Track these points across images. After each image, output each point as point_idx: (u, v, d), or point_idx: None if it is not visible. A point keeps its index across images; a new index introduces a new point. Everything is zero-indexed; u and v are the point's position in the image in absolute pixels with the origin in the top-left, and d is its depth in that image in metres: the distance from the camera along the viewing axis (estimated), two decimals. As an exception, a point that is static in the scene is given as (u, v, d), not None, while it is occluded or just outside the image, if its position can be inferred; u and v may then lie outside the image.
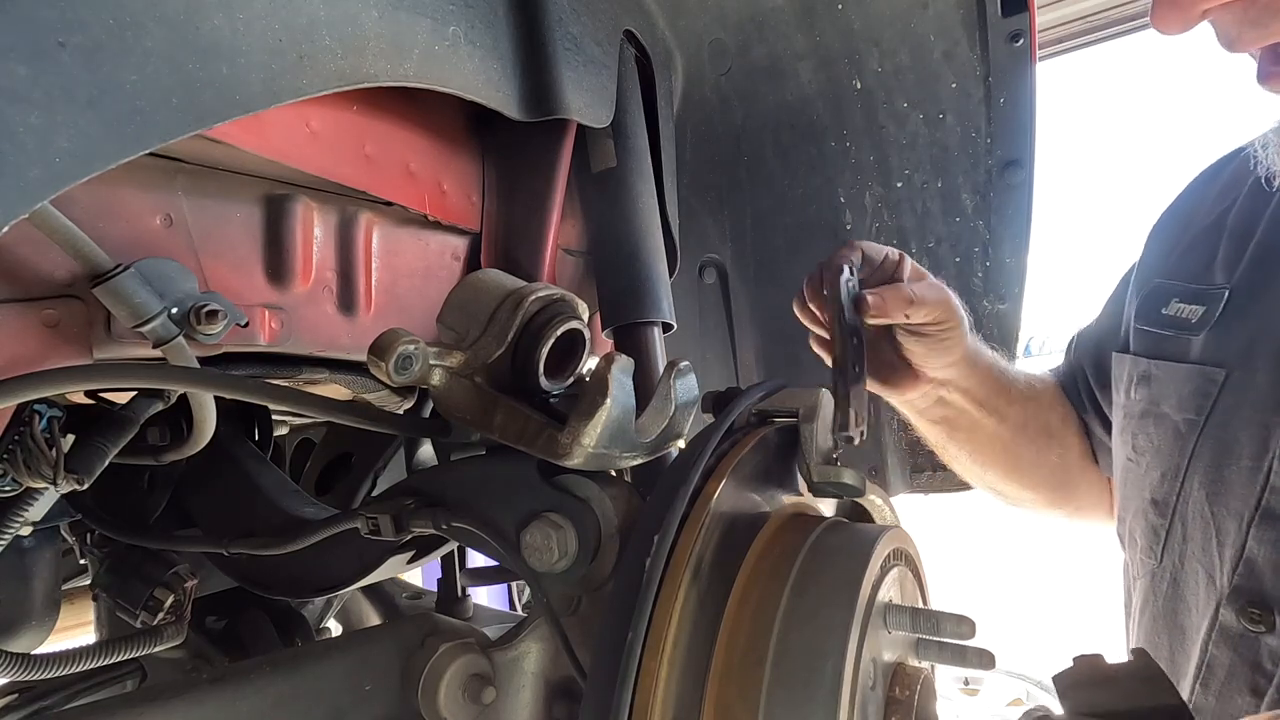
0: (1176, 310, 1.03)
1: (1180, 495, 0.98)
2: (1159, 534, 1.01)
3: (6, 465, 0.73)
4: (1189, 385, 0.98)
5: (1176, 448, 0.98)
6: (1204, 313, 1.00)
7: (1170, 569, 1.00)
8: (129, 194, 0.67)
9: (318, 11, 0.58)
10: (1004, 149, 1.23)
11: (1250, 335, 0.93)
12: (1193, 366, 0.98)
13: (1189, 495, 0.97)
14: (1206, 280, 1.02)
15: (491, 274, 0.80)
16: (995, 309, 1.37)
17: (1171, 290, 1.06)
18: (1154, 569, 1.03)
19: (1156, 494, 1.01)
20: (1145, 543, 1.04)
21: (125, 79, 0.45)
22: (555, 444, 0.67)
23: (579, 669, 0.69)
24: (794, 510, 0.75)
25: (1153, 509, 1.02)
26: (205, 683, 0.76)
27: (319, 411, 0.78)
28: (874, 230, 1.36)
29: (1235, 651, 0.90)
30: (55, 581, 1.14)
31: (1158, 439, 1.02)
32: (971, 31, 1.13)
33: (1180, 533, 0.98)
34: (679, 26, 1.15)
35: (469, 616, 1.26)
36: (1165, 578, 1.01)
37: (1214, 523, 0.93)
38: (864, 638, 0.60)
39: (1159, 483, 1.01)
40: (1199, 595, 0.96)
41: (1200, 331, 0.99)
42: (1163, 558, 1.01)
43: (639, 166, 1.03)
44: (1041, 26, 1.20)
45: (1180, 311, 1.03)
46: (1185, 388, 0.99)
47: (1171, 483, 0.99)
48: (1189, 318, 1.01)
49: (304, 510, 1.04)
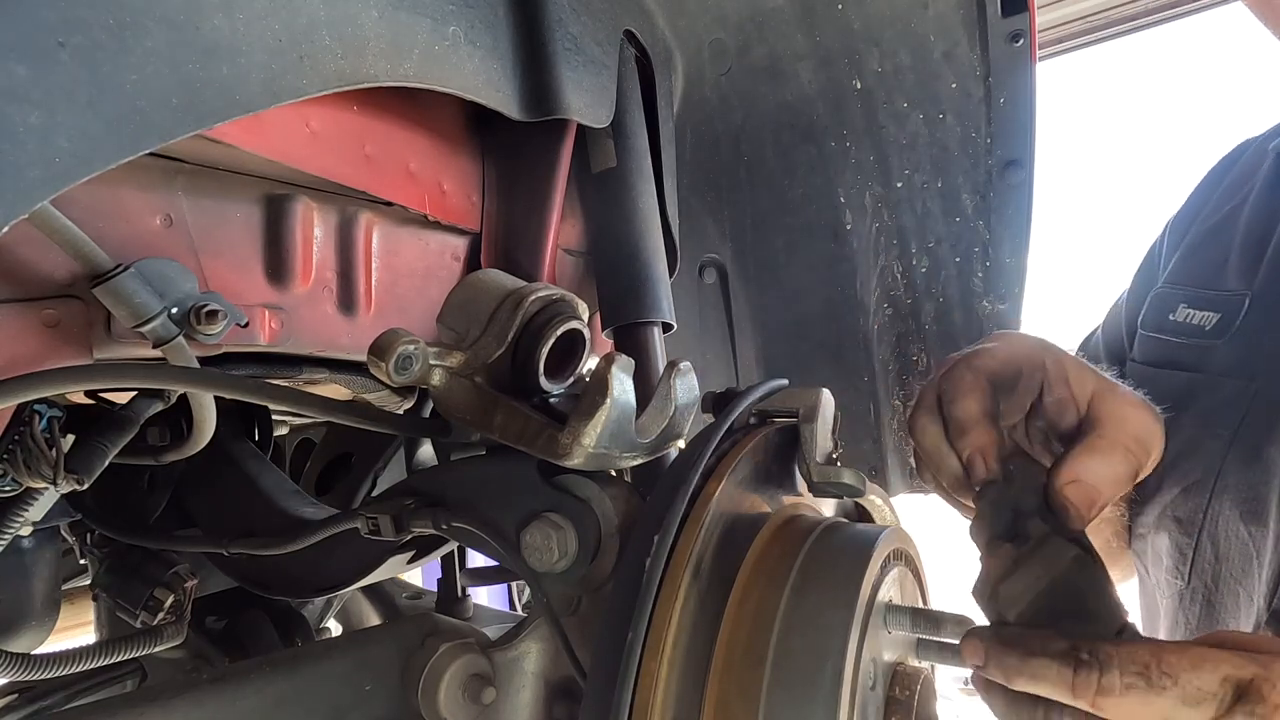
0: (1186, 316, 0.97)
1: (1208, 513, 0.92)
2: (1185, 553, 0.95)
3: (6, 465, 0.73)
4: (1214, 397, 0.92)
5: (1199, 463, 0.92)
6: (1220, 319, 0.94)
7: (1202, 590, 0.95)
8: (129, 194, 0.67)
9: (318, 11, 0.58)
10: (1004, 149, 1.22)
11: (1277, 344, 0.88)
12: (1217, 378, 0.92)
13: (1219, 513, 0.91)
14: (1218, 285, 0.96)
15: (491, 274, 0.80)
16: (995, 309, 1.37)
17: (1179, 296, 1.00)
18: (1181, 590, 0.98)
19: (1179, 511, 0.95)
20: (1171, 562, 0.98)
21: (125, 79, 0.45)
22: (555, 444, 0.67)
23: (579, 669, 0.69)
24: (794, 510, 0.75)
25: (1176, 526, 0.96)
26: (205, 683, 0.76)
27: (319, 411, 0.78)
28: (874, 230, 1.36)
29: None
30: (55, 581, 1.14)
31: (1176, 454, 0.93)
32: (971, 31, 1.13)
33: (1211, 552, 0.93)
34: (679, 26, 1.15)
35: (469, 616, 1.26)
36: (1197, 600, 0.96)
37: (1252, 544, 0.88)
38: (864, 638, 0.60)
39: (1181, 499, 0.95)
40: (1238, 617, 0.91)
41: (1220, 339, 0.93)
42: (1190, 578, 0.96)
43: (639, 166, 1.02)
44: (1041, 26, 1.20)
45: (1190, 317, 0.97)
46: (1209, 400, 0.92)
47: (1197, 499, 0.93)
48: (1202, 324, 0.95)
49: (304, 510, 1.04)
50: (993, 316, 1.37)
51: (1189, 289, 1.00)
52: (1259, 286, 0.93)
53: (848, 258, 1.40)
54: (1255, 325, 0.91)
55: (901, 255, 1.38)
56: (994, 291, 1.36)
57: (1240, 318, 0.92)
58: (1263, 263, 0.93)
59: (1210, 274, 0.98)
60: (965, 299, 1.38)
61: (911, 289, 1.40)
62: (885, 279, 1.41)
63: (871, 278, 1.41)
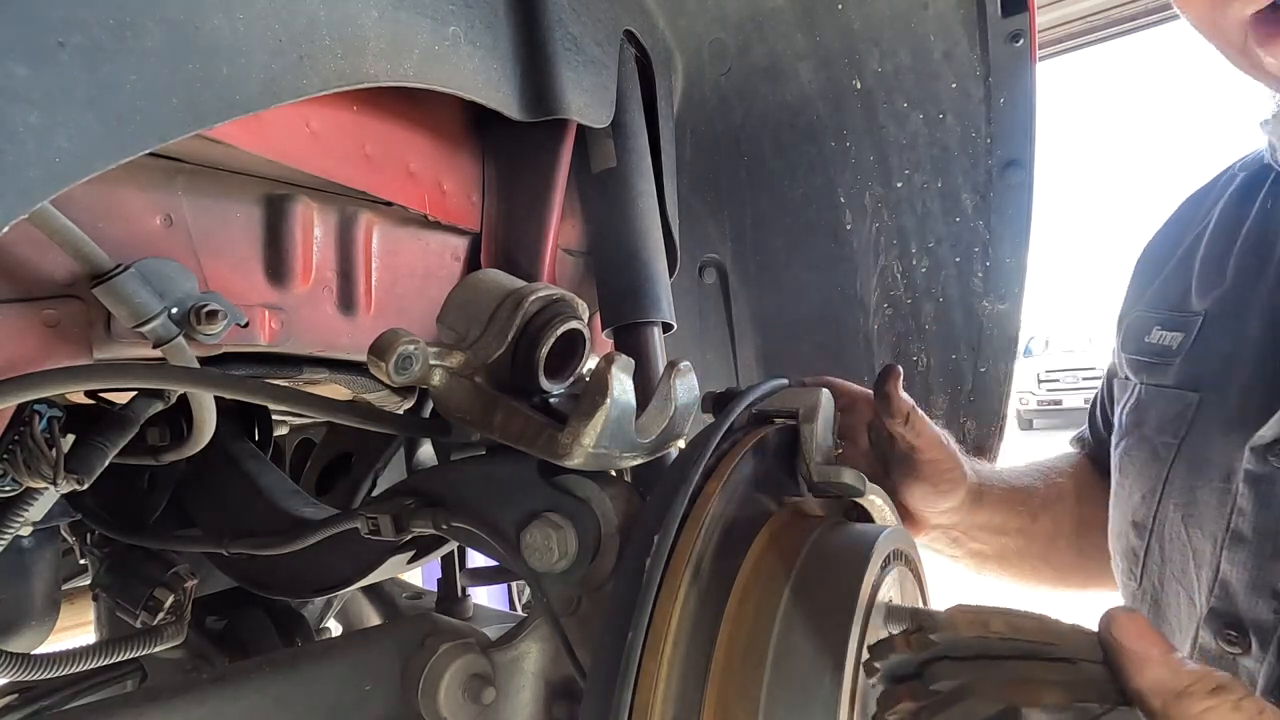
0: (1159, 338, 1.04)
1: (1157, 517, 0.98)
2: (1138, 555, 1.02)
3: (6, 465, 0.73)
4: (1167, 408, 0.99)
5: (1153, 470, 0.99)
6: (1182, 339, 1.00)
7: (1150, 591, 1.01)
8: (129, 194, 0.67)
9: (318, 12, 0.58)
10: (1004, 149, 1.23)
11: (1224, 357, 0.94)
12: (1170, 390, 0.99)
13: (1165, 517, 0.97)
14: (1184, 306, 1.03)
15: (491, 274, 0.80)
16: (995, 309, 1.37)
17: (1153, 319, 1.06)
18: (1135, 591, 1.03)
19: (1136, 516, 1.02)
20: (1126, 565, 1.05)
21: (125, 79, 0.45)
22: (555, 444, 0.67)
23: (579, 669, 0.69)
24: (794, 510, 0.75)
25: (1133, 531, 1.02)
26: (205, 683, 0.76)
27: (319, 411, 0.78)
28: (874, 230, 1.36)
29: None
30: (55, 581, 1.14)
31: (1139, 462, 1.02)
32: (971, 31, 1.13)
33: (1159, 554, 0.98)
34: (679, 26, 1.15)
35: (469, 616, 1.26)
36: (1146, 600, 1.01)
37: (1190, 544, 0.93)
38: (864, 638, 0.60)
39: (1139, 505, 1.02)
40: (1180, 617, 0.96)
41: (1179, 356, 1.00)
42: (1142, 579, 1.02)
43: (639, 166, 1.03)
44: (1041, 26, 1.20)
45: (1162, 339, 1.03)
46: (1163, 411, 1.00)
47: (1149, 505, 1.00)
48: (1170, 344, 1.01)
49: (304, 510, 1.04)
50: (993, 316, 1.37)
51: (1162, 312, 1.06)
52: (1211, 306, 0.98)
53: (848, 258, 1.40)
54: (1205, 341, 0.97)
55: (901, 255, 1.38)
56: (994, 291, 1.36)
57: (1194, 335, 0.99)
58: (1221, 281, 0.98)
59: (1178, 296, 1.04)
60: (965, 299, 1.38)
61: (911, 289, 1.40)
62: (885, 279, 1.41)
63: (871, 278, 1.41)
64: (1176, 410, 0.97)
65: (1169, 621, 0.98)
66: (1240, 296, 0.95)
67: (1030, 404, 14.46)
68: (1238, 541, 0.87)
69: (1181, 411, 0.97)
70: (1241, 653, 0.86)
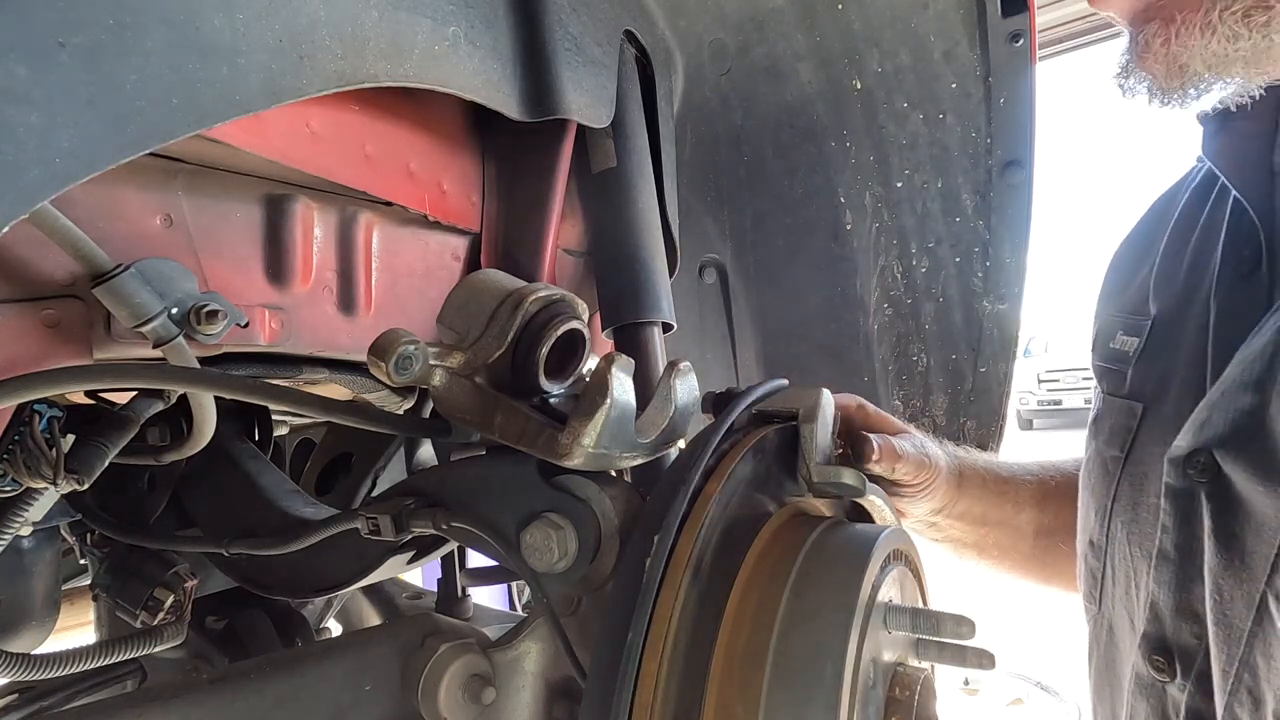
0: (1120, 344, 0.98)
1: (1109, 536, 0.92)
2: (1096, 578, 0.95)
3: (6, 465, 0.73)
4: (1116, 420, 0.93)
5: (1104, 487, 0.93)
6: (1137, 344, 0.94)
7: (1107, 615, 0.94)
8: (129, 194, 0.67)
9: (318, 12, 0.58)
10: (1004, 149, 1.23)
11: (1166, 365, 0.88)
12: (1120, 400, 0.93)
13: (1115, 536, 0.91)
14: (1143, 310, 0.96)
15: (491, 274, 0.80)
16: (995, 309, 1.37)
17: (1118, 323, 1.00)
18: (1095, 615, 0.97)
19: (1094, 535, 0.95)
20: (1087, 588, 0.98)
21: (125, 79, 0.45)
22: (555, 444, 0.67)
23: (579, 669, 0.69)
24: (794, 510, 0.75)
25: (1090, 551, 0.96)
26: (205, 683, 0.76)
27: (319, 411, 0.78)
28: (874, 230, 1.36)
29: (1148, 702, 0.82)
30: (55, 581, 1.14)
31: (1094, 477, 0.96)
32: (971, 31, 1.13)
33: (1111, 576, 0.92)
34: (679, 26, 1.15)
35: (469, 616, 1.27)
36: (1104, 625, 0.95)
37: (1132, 564, 0.87)
38: (864, 638, 0.60)
39: (1094, 524, 0.95)
40: (1128, 642, 0.88)
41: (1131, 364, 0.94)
42: (1100, 603, 0.95)
43: (639, 166, 1.02)
44: (1041, 26, 1.20)
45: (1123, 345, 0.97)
46: (1114, 423, 0.94)
47: (1101, 523, 0.93)
48: (1127, 350, 0.95)
49: (304, 510, 1.04)
50: (993, 316, 1.37)
51: (1125, 316, 1.00)
52: (1159, 309, 0.93)
53: (848, 258, 1.40)
54: (1152, 348, 0.92)
55: (901, 255, 1.38)
56: (994, 291, 1.36)
57: (1144, 341, 0.93)
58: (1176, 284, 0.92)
59: (1140, 299, 0.98)
60: (965, 299, 1.38)
61: (911, 289, 1.41)
62: (885, 279, 1.41)
63: (871, 278, 1.41)
64: (1124, 422, 0.92)
65: (1120, 648, 0.91)
66: (1185, 299, 0.89)
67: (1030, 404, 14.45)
68: (1163, 561, 0.80)
69: (1127, 423, 0.91)
70: (1168, 680, 0.79)
